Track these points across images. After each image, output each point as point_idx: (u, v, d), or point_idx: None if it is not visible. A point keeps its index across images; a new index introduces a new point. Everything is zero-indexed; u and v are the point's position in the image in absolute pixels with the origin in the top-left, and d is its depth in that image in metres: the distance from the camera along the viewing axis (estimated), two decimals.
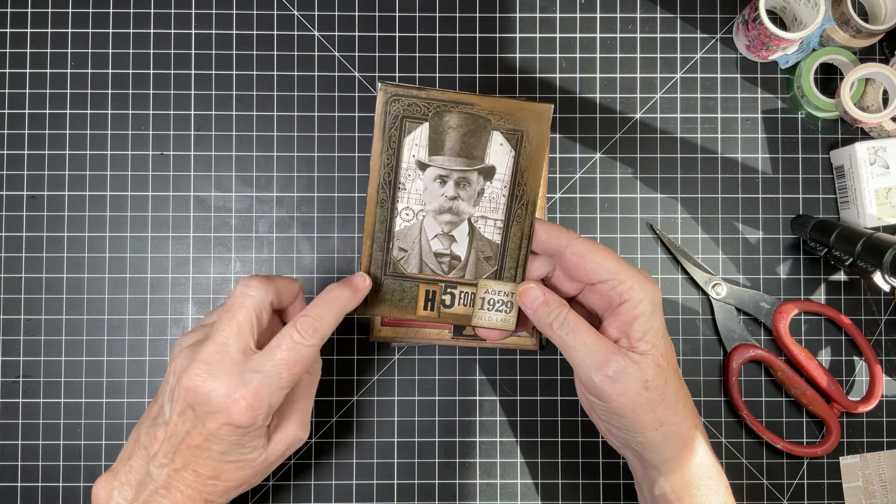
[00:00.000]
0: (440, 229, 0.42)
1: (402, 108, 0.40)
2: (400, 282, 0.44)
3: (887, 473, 0.53)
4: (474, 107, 0.40)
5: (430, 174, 0.41)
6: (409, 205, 0.42)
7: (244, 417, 0.39)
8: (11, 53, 0.54)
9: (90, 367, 0.53)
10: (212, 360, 0.39)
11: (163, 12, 0.54)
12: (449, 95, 0.40)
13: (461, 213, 0.42)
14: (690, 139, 0.54)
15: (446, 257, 0.43)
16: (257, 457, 0.41)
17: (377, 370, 0.53)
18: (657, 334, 0.41)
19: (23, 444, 0.52)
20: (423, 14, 0.54)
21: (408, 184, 0.41)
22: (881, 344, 0.54)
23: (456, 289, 0.44)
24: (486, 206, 0.42)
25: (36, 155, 0.54)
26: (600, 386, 0.40)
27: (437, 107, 0.40)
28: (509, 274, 0.43)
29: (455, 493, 0.53)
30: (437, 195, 0.42)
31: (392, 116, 0.40)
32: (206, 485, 0.41)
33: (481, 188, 0.42)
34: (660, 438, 0.42)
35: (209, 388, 0.39)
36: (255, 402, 0.39)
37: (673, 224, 0.54)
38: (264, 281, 0.41)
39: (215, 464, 0.40)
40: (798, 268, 0.54)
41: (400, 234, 0.42)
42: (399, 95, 0.40)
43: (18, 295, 0.53)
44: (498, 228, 0.43)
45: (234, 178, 0.54)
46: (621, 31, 0.55)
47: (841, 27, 0.52)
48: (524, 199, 0.42)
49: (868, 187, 0.51)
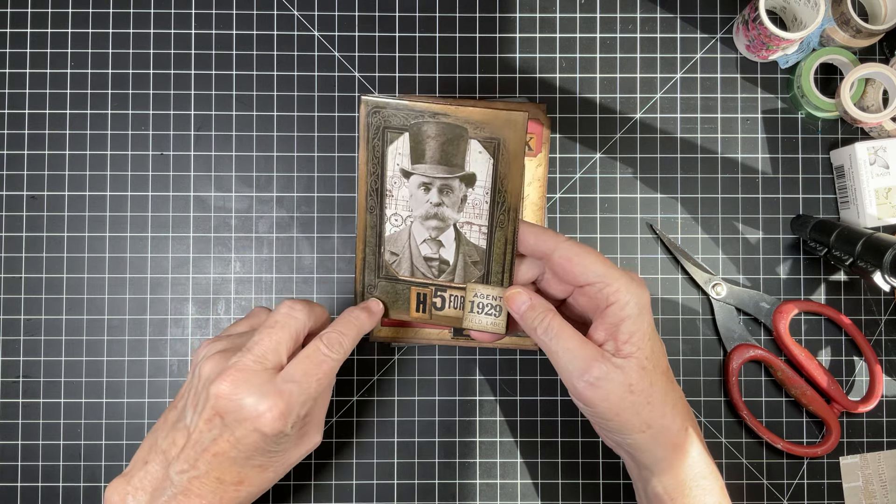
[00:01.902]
0: (428, 234, 0.44)
1: (382, 119, 0.41)
2: (393, 284, 0.45)
3: (887, 473, 0.53)
4: (450, 116, 0.41)
5: (415, 181, 0.43)
6: (396, 211, 0.43)
7: (276, 425, 0.39)
8: (11, 53, 0.54)
9: (90, 367, 0.53)
10: (247, 369, 0.40)
11: (163, 12, 0.54)
12: (425, 106, 0.41)
13: (446, 218, 0.43)
14: (690, 139, 0.54)
15: (435, 261, 0.44)
16: (282, 461, 0.42)
17: (377, 370, 0.53)
18: (643, 336, 0.41)
19: (23, 444, 0.52)
20: (423, 14, 0.54)
21: (394, 191, 0.43)
22: (881, 344, 0.54)
23: (446, 292, 0.45)
24: (469, 211, 0.43)
25: (36, 155, 0.54)
26: (583, 392, 0.41)
27: (415, 117, 0.41)
28: (496, 278, 0.45)
29: (455, 493, 0.53)
30: (423, 202, 0.43)
31: (374, 128, 0.41)
32: (229, 491, 0.41)
33: (464, 195, 0.43)
34: (648, 440, 0.42)
35: (241, 397, 0.39)
36: (286, 409, 0.39)
37: (673, 224, 0.54)
38: (307, 307, 0.43)
39: (240, 469, 0.41)
40: (798, 268, 0.54)
41: (390, 239, 0.44)
42: (379, 107, 0.41)
43: (18, 295, 0.53)
44: (483, 234, 0.44)
45: (234, 178, 0.54)
46: (621, 31, 0.55)
47: (841, 27, 0.52)
48: (505, 205, 0.43)
49: (868, 187, 0.51)
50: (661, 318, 0.54)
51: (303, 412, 0.41)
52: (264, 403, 0.39)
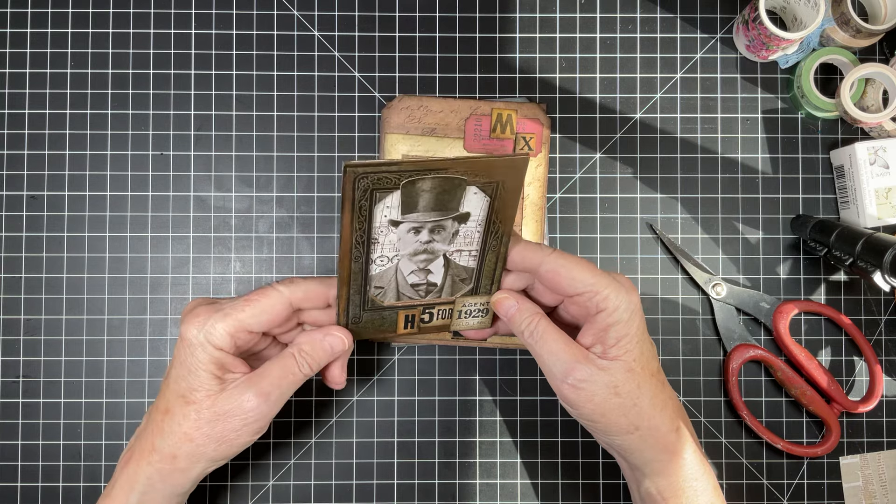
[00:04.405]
0: (415, 266, 0.43)
1: (371, 182, 0.37)
2: (379, 312, 0.44)
3: (887, 473, 0.53)
4: (448, 171, 0.38)
5: (404, 227, 0.41)
6: (383, 253, 0.41)
7: (191, 331, 0.41)
8: (11, 53, 0.54)
9: (90, 367, 0.53)
10: (210, 309, 0.42)
11: (163, 12, 0.54)
12: (421, 164, 0.38)
13: (436, 252, 0.42)
14: (690, 139, 0.54)
15: (423, 286, 0.44)
16: (203, 398, 0.41)
17: (377, 370, 0.53)
18: (631, 340, 0.41)
19: (23, 444, 0.52)
20: (423, 14, 0.54)
21: (381, 238, 0.40)
22: (881, 344, 0.54)
23: (434, 308, 0.45)
24: (461, 241, 0.42)
25: (36, 155, 0.54)
26: (567, 394, 0.41)
27: (408, 176, 0.38)
28: (485, 290, 0.45)
29: (455, 493, 0.53)
30: (412, 242, 0.41)
31: (361, 191, 0.38)
32: (156, 419, 0.42)
33: (456, 230, 0.42)
34: (637, 442, 0.42)
35: (187, 319, 0.42)
36: (205, 319, 0.41)
37: (673, 224, 0.54)
38: (292, 283, 0.43)
39: (168, 396, 0.42)
40: (798, 268, 0.54)
41: (375, 277, 0.42)
42: (367, 173, 0.37)
43: (18, 295, 0.53)
44: (473, 257, 0.43)
45: (234, 178, 0.54)
46: (621, 31, 0.55)
47: (841, 27, 0.52)
48: (499, 233, 0.42)
49: (868, 187, 0.51)
50: (661, 318, 0.54)
51: (228, 330, 0.41)
52: (190, 312, 0.42)
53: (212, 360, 0.41)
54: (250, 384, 0.42)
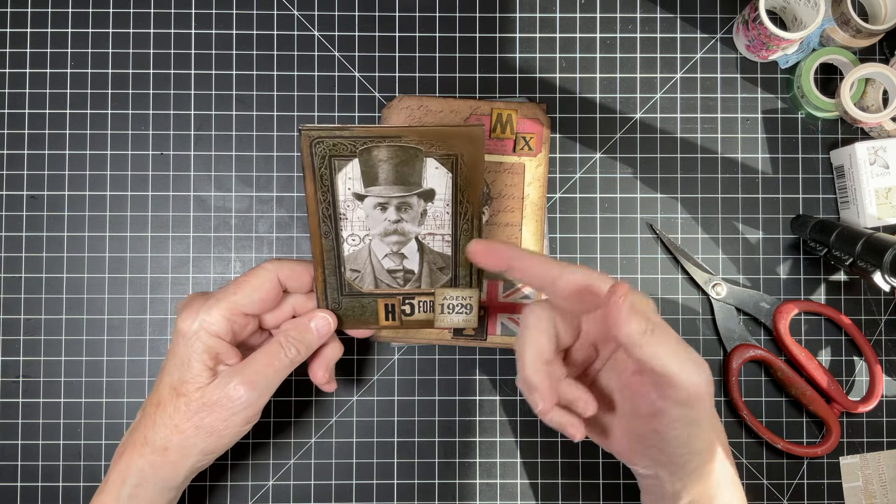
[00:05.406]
0: (389, 249, 0.44)
1: (327, 148, 0.40)
2: (358, 299, 0.45)
3: (887, 473, 0.53)
4: (402, 139, 0.40)
5: (369, 203, 0.42)
6: (353, 231, 0.43)
7: (185, 322, 0.42)
8: (11, 53, 0.54)
9: (90, 367, 0.53)
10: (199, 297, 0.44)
11: (163, 12, 0.54)
12: (373, 131, 0.40)
13: (407, 233, 0.43)
14: (690, 139, 0.54)
15: (399, 272, 0.44)
16: (193, 390, 0.42)
17: (377, 370, 0.53)
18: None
19: (23, 444, 0.52)
20: (423, 14, 0.54)
21: (348, 213, 0.42)
22: (881, 344, 0.54)
23: (414, 299, 0.46)
24: (431, 223, 0.43)
25: (36, 155, 0.54)
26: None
27: (363, 143, 0.40)
28: (464, 281, 0.45)
29: (455, 493, 0.53)
30: (380, 220, 0.42)
31: (319, 157, 0.40)
32: (149, 411, 0.43)
33: (423, 209, 0.42)
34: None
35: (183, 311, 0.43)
36: (194, 310, 0.42)
37: (673, 224, 0.54)
38: (277, 262, 0.45)
39: (160, 389, 0.42)
40: (798, 268, 0.54)
41: (350, 258, 0.44)
42: (322, 137, 0.39)
43: (18, 295, 0.53)
44: (447, 242, 0.44)
45: (234, 178, 0.54)
46: (621, 31, 0.55)
47: (841, 27, 0.52)
48: (468, 214, 0.43)
49: (868, 187, 0.51)
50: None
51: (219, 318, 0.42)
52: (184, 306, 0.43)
53: (206, 349, 0.42)
54: (236, 372, 0.42)
